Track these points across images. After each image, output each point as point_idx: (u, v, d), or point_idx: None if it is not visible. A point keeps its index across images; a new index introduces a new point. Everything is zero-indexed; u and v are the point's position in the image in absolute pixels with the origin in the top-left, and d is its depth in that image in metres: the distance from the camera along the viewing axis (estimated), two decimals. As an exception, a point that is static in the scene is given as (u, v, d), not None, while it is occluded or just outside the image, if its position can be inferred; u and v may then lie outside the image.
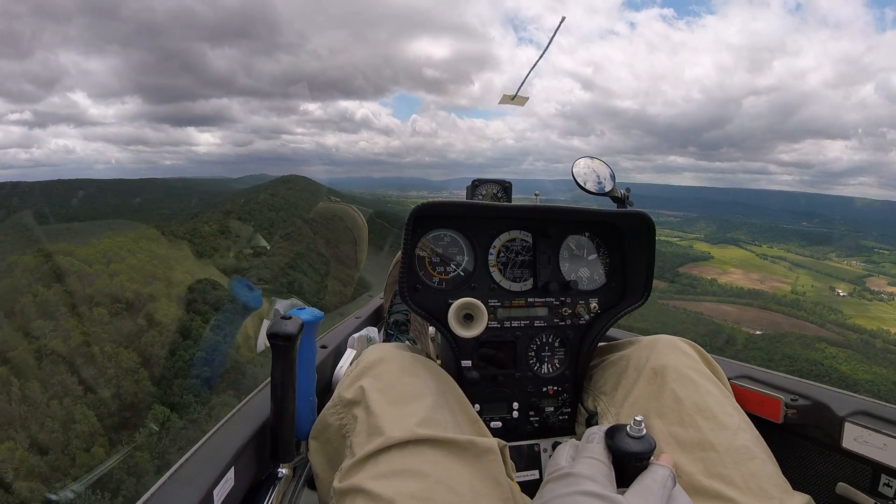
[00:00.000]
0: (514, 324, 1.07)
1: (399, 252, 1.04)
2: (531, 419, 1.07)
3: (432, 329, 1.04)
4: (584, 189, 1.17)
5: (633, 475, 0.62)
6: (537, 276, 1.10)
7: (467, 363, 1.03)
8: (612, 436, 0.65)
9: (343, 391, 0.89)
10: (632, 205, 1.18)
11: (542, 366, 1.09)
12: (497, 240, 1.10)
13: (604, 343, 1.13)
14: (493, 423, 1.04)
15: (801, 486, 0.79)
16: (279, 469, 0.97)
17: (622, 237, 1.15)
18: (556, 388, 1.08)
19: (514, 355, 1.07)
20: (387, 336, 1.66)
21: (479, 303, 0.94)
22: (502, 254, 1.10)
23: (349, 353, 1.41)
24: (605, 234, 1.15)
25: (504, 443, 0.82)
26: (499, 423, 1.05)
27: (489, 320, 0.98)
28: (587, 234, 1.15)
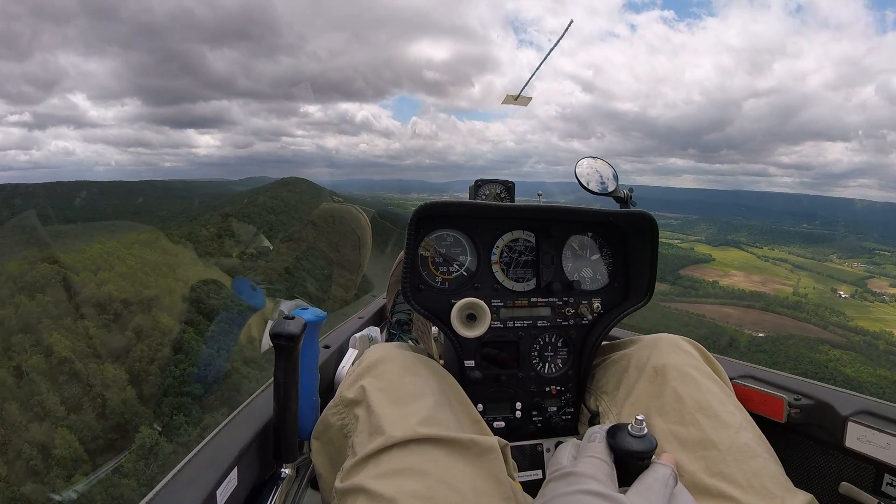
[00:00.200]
0: (517, 324, 1.07)
1: (402, 252, 1.05)
2: (534, 419, 1.07)
3: (435, 329, 1.04)
4: (587, 189, 1.17)
5: (634, 474, 0.63)
6: (540, 276, 1.10)
7: (470, 363, 1.03)
8: (613, 435, 0.65)
9: (344, 391, 0.89)
10: (635, 205, 1.18)
11: (545, 366, 1.09)
12: (500, 240, 1.10)
13: (606, 342, 1.13)
14: (496, 423, 1.04)
15: (804, 486, 0.79)
16: (282, 469, 0.97)
17: (625, 237, 1.15)
18: (558, 387, 1.08)
19: (517, 355, 1.07)
20: (389, 336, 1.66)
21: (482, 303, 0.95)
22: (505, 254, 1.10)
23: (351, 353, 1.41)
24: (608, 234, 1.16)
25: (505, 442, 0.82)
26: (502, 423, 1.05)
27: (492, 320, 0.98)
28: (590, 234, 1.15)
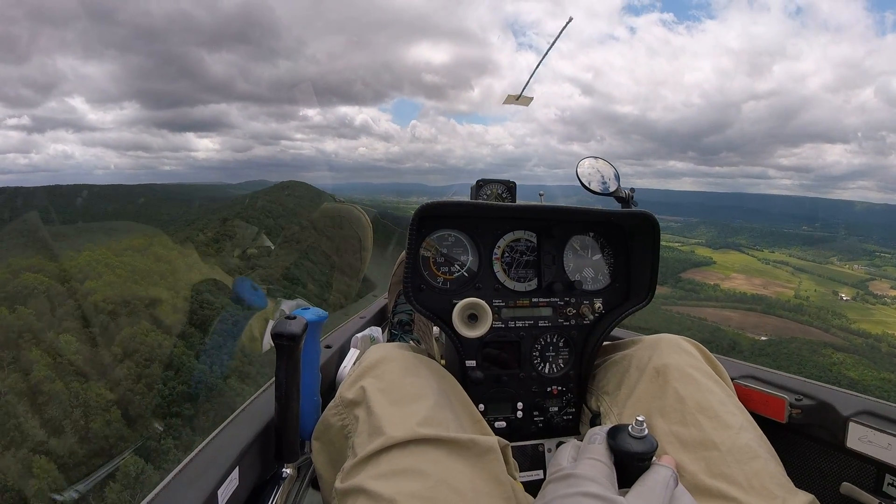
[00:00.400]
0: (519, 324, 1.07)
1: (403, 252, 1.05)
2: (535, 419, 1.07)
3: (436, 329, 1.04)
4: (588, 189, 1.17)
5: (635, 475, 0.62)
6: (542, 277, 1.10)
7: (471, 363, 1.03)
8: (613, 436, 0.65)
9: (344, 391, 0.89)
10: (636, 205, 1.18)
11: (547, 366, 1.09)
12: (501, 240, 1.10)
13: (607, 343, 1.13)
14: (497, 423, 1.04)
15: (805, 486, 0.79)
16: (283, 469, 0.97)
17: (626, 237, 1.15)
18: (560, 388, 1.08)
19: (519, 355, 1.07)
20: (391, 336, 1.66)
21: (483, 303, 0.95)
22: (507, 254, 1.10)
23: (352, 353, 1.41)
24: (610, 235, 1.16)
25: (506, 442, 0.82)
26: (503, 423, 1.05)
27: (493, 320, 0.98)
28: (591, 235, 1.15)
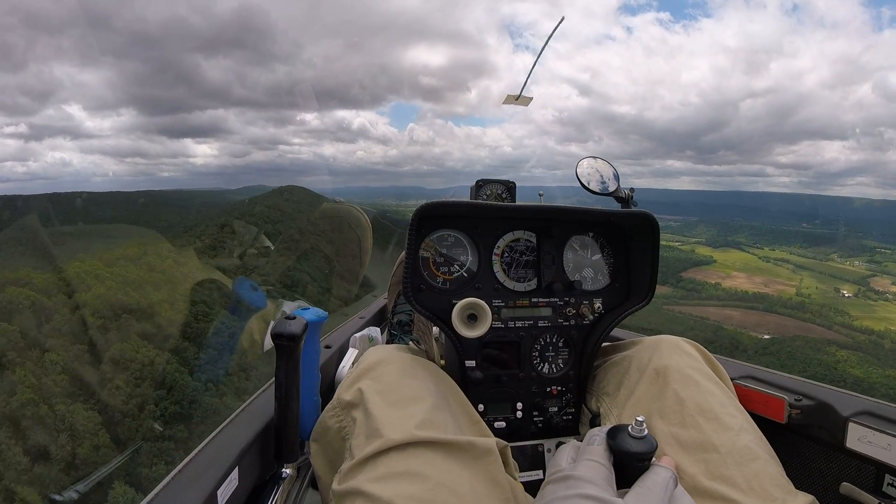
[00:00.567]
0: (518, 324, 1.07)
1: (403, 252, 1.05)
2: (535, 419, 1.07)
3: (436, 329, 1.04)
4: (587, 189, 1.17)
5: (634, 476, 0.62)
6: (541, 277, 1.10)
7: (471, 363, 1.03)
8: (613, 436, 0.65)
9: (342, 393, 0.89)
10: (636, 205, 1.18)
11: (546, 366, 1.09)
12: (501, 240, 1.10)
13: (607, 343, 1.13)
14: (496, 424, 1.04)
15: (805, 487, 0.79)
16: (283, 469, 0.97)
17: (626, 237, 1.15)
18: (559, 388, 1.08)
19: (518, 355, 1.07)
20: (390, 336, 1.66)
21: (483, 303, 0.94)
22: (506, 254, 1.10)
23: (351, 353, 1.41)
24: (609, 235, 1.15)
25: (504, 443, 0.82)
26: (503, 424, 1.05)
27: (493, 320, 0.98)
28: (591, 235, 1.15)
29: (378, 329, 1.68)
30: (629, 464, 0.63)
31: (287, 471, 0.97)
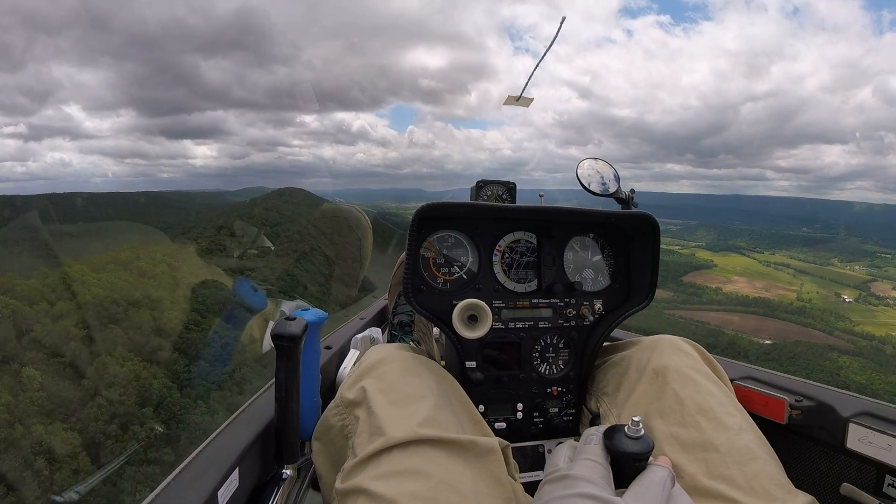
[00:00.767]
0: (519, 325, 1.07)
1: (403, 253, 1.05)
2: (535, 420, 1.07)
3: (436, 330, 1.04)
4: (588, 190, 1.17)
5: (631, 476, 0.62)
6: (542, 278, 1.10)
7: (471, 364, 1.03)
8: (610, 437, 0.65)
9: (345, 392, 0.89)
10: (636, 206, 1.18)
11: (547, 367, 1.09)
12: (502, 241, 1.10)
13: (606, 344, 1.13)
14: (497, 424, 1.04)
15: (805, 487, 0.79)
16: (283, 470, 0.97)
17: (627, 238, 1.15)
18: (560, 389, 1.08)
19: (519, 356, 1.07)
20: (391, 337, 1.66)
21: (483, 304, 0.94)
22: (507, 255, 1.10)
23: (352, 354, 1.41)
24: (610, 236, 1.16)
25: (506, 442, 0.82)
26: (503, 424, 1.05)
27: (493, 321, 0.98)
28: (591, 236, 1.15)
29: (379, 330, 1.68)
30: (626, 464, 0.63)
31: (287, 472, 0.97)
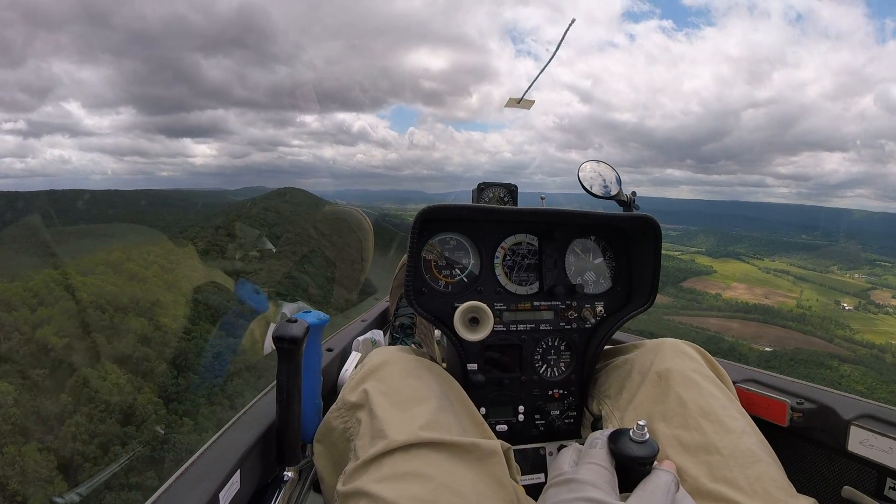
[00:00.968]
0: (520, 327, 1.07)
1: (405, 255, 1.05)
2: (537, 423, 1.07)
3: (438, 332, 1.04)
4: (590, 192, 1.18)
5: (636, 480, 0.62)
6: (543, 280, 1.10)
7: (473, 367, 1.03)
8: (615, 440, 0.64)
9: (347, 394, 0.89)
10: (638, 208, 1.18)
11: (548, 369, 1.09)
12: (503, 243, 1.10)
13: (609, 346, 1.14)
14: (498, 427, 1.04)
15: (806, 490, 0.79)
16: (285, 472, 0.96)
17: (628, 241, 1.15)
18: (561, 391, 1.08)
19: (520, 359, 1.07)
20: (392, 339, 1.65)
21: (484, 306, 0.95)
22: (508, 257, 1.10)
23: (354, 356, 1.41)
24: (611, 238, 1.16)
25: (508, 445, 0.81)
26: (504, 427, 1.05)
27: (495, 324, 0.98)
28: (593, 238, 1.16)
29: (380, 332, 1.68)
30: (631, 468, 0.63)
31: (289, 474, 0.96)
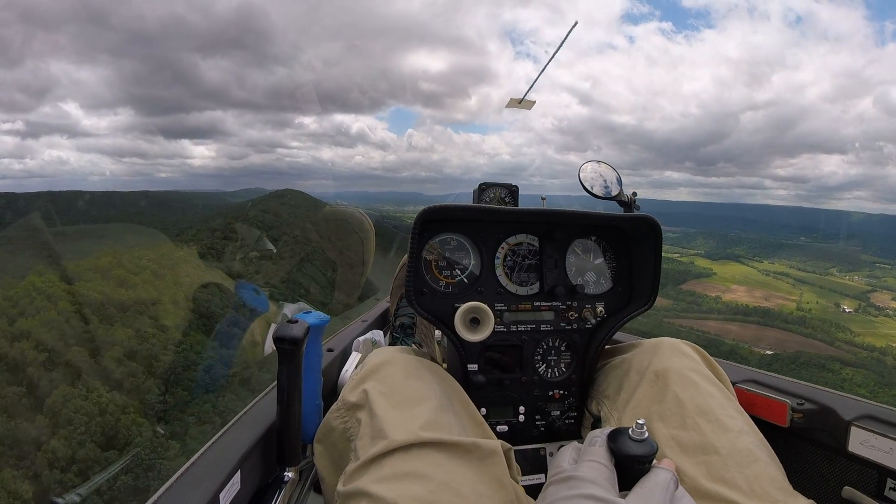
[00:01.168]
0: (521, 328, 1.08)
1: (405, 255, 1.06)
2: (537, 423, 1.07)
3: (438, 333, 1.04)
4: (590, 193, 1.18)
5: (635, 479, 0.62)
6: (544, 280, 1.10)
7: (473, 367, 1.03)
8: (614, 439, 0.65)
9: (347, 394, 0.89)
10: (638, 209, 1.18)
11: (549, 370, 1.09)
12: (504, 243, 1.10)
13: (607, 346, 1.13)
14: (498, 427, 1.04)
15: (807, 490, 0.79)
16: (285, 473, 0.96)
17: (629, 241, 1.16)
18: (562, 391, 1.08)
19: (521, 359, 1.07)
20: (393, 339, 1.66)
21: (485, 307, 0.95)
22: (509, 257, 1.10)
23: (354, 357, 1.41)
24: (612, 238, 1.16)
25: (509, 445, 0.82)
26: (505, 427, 1.05)
27: (495, 324, 0.98)
28: (593, 238, 1.16)
29: (381, 332, 1.68)
30: (630, 466, 0.63)
31: (289, 474, 0.96)
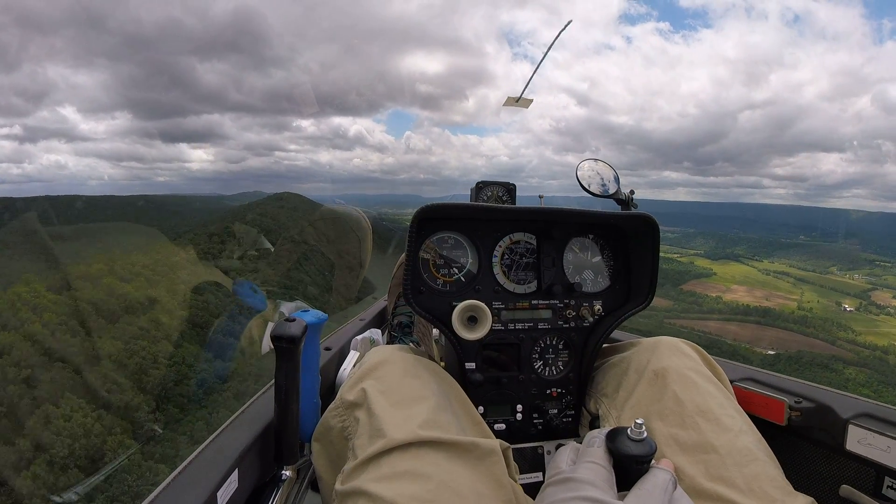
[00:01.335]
0: (518, 326, 1.07)
1: (403, 254, 1.06)
2: (535, 421, 1.07)
3: (436, 331, 1.04)
4: (588, 191, 1.18)
5: (634, 478, 0.62)
6: (541, 279, 1.10)
7: (471, 365, 1.03)
8: (612, 439, 0.65)
9: (345, 393, 0.89)
10: (636, 207, 1.18)
11: (546, 368, 1.09)
12: (501, 242, 1.10)
13: (606, 345, 1.13)
14: (496, 426, 1.04)
15: (804, 489, 0.79)
16: (283, 471, 0.97)
17: (626, 239, 1.15)
18: (559, 390, 1.08)
19: (518, 358, 1.07)
20: (391, 338, 1.66)
21: (483, 305, 0.95)
22: (506, 256, 1.10)
23: (352, 355, 1.41)
24: (610, 237, 1.16)
25: (507, 444, 0.82)
26: (502, 426, 1.05)
27: (493, 322, 0.98)
28: (591, 237, 1.16)
29: (379, 331, 1.68)
30: (628, 466, 0.63)
31: (287, 473, 0.97)
